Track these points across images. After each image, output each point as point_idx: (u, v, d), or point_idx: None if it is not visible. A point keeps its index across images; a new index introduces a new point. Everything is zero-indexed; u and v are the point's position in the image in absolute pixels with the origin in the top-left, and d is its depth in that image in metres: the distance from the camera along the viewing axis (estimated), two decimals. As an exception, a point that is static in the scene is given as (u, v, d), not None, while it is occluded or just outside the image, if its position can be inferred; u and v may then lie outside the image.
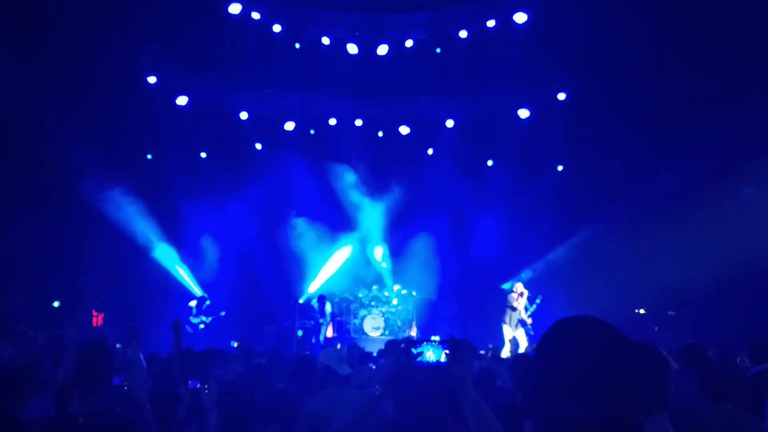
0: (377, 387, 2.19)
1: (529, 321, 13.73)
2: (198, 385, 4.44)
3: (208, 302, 15.56)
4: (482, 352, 9.71)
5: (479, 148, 17.29)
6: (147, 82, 15.38)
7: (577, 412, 1.36)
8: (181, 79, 15.92)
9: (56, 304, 15.18)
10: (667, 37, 12.91)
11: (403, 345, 2.24)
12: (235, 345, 11.11)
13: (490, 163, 17.66)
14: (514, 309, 13.68)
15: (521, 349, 13.16)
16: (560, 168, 17.03)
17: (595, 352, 1.42)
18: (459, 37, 15.44)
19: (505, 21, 14.95)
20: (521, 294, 13.88)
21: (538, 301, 14.16)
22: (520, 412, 3.31)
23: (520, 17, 14.66)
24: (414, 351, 2.22)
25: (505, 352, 12.22)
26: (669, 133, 13.83)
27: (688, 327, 13.22)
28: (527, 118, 16.40)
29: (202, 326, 15.19)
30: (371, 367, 6.99)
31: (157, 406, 3.75)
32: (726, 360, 6.95)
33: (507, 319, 13.79)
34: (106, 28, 13.50)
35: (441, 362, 2.21)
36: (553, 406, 1.40)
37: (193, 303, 15.54)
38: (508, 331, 13.67)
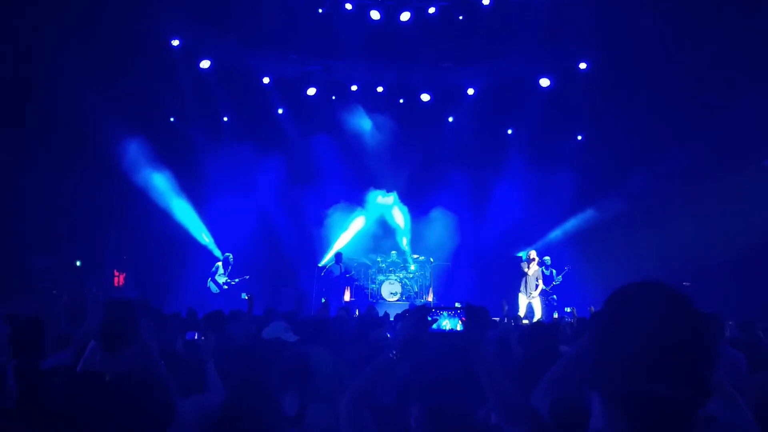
0: (394, 352, 2.18)
1: (543, 288, 13.90)
2: (195, 336, 4.55)
3: (231, 259, 15.73)
4: (496, 319, 9.85)
5: (499, 116, 17.27)
6: (171, 44, 15.46)
7: (659, 391, 1.28)
8: (205, 43, 15.97)
9: (78, 263, 15.44)
10: (692, 6, 12.76)
11: (420, 311, 2.24)
12: (246, 297, 11.09)
13: (510, 131, 17.68)
14: (524, 274, 13.86)
15: (536, 317, 13.34)
16: (580, 137, 17.02)
17: (675, 324, 1.33)
18: (482, 5, 15.33)
19: (528, -12, 14.86)
20: (532, 260, 14.04)
21: (566, 270, 14.45)
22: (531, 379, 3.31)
23: (543, -16, 14.55)
24: (430, 318, 2.22)
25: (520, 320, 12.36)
26: (690, 104, 13.71)
27: (703, 298, 13.27)
28: (548, 87, 16.37)
29: (225, 287, 15.44)
30: (386, 335, 7.05)
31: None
32: (746, 331, 7.02)
33: (522, 287, 13.99)
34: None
35: (457, 330, 2.21)
36: (631, 384, 1.31)
37: (219, 263, 15.76)
38: (523, 300, 13.87)
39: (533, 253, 14.22)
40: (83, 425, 2.49)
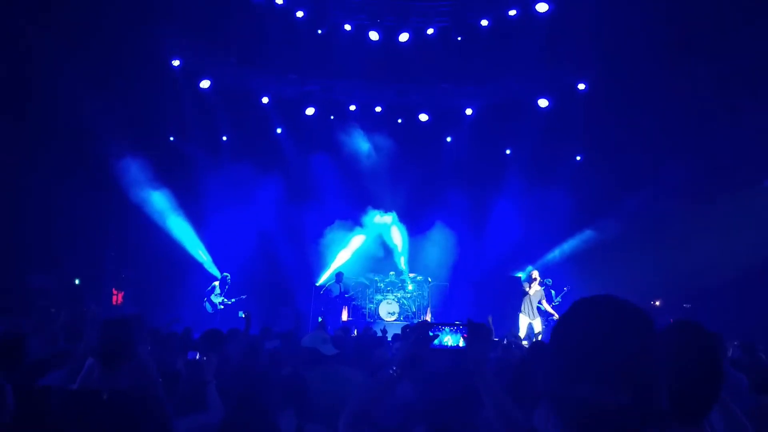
0: (394, 368, 2.17)
1: (550, 309, 13.80)
2: (197, 356, 4.48)
3: (229, 279, 15.69)
4: (496, 339, 9.78)
5: (498, 136, 17.35)
6: (171, 64, 15.56)
7: (597, 396, 1.29)
8: (205, 63, 16.08)
9: (77, 281, 15.37)
10: (689, 27, 12.85)
11: (422, 327, 2.23)
12: (243, 315, 11.03)
13: (508, 151, 17.74)
14: (525, 294, 13.72)
15: (537, 339, 13.24)
16: (579, 158, 17.08)
17: (615, 331, 1.34)
18: (480, 26, 15.46)
19: (527, 10, 14.96)
20: (534, 279, 13.91)
21: (565, 290, 14.35)
22: (536, 395, 3.27)
23: (541, 7, 14.65)
24: (431, 334, 2.21)
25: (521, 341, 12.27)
26: (689, 124, 13.76)
27: (703, 320, 13.17)
28: (546, 108, 16.43)
29: (221, 306, 15.36)
30: (384, 353, 7.01)
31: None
32: (748, 354, 7.00)
33: (522, 307, 13.88)
34: (132, 11, 13.64)
35: (459, 346, 2.20)
36: (571, 388, 1.33)
37: (216, 282, 15.71)
38: (524, 320, 13.71)
39: (535, 273, 14.01)
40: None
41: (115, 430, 2.43)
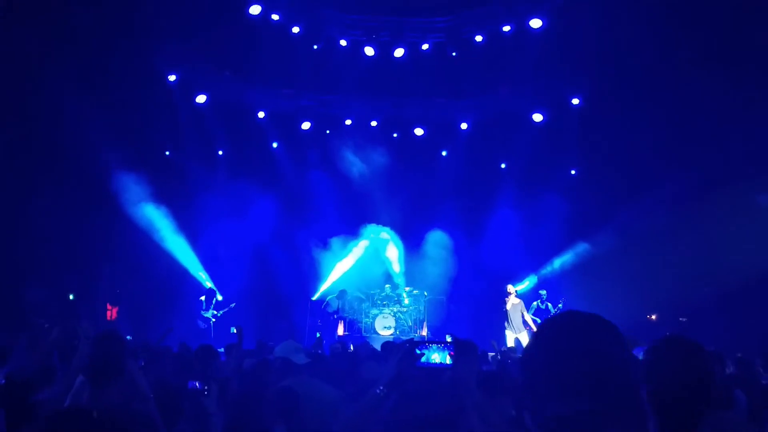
0: (381, 387, 2.17)
1: (530, 321, 13.81)
2: (197, 386, 4.42)
3: (219, 297, 15.68)
4: (492, 354, 9.75)
5: (493, 151, 17.42)
6: (168, 79, 15.61)
7: (564, 410, 1.32)
8: (201, 78, 16.14)
9: (72, 296, 15.33)
10: (682, 42, 12.94)
11: (407, 346, 2.22)
12: (234, 331, 11.03)
13: (503, 165, 17.79)
14: (505, 310, 13.80)
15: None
16: (573, 172, 17.13)
17: (575, 344, 1.37)
18: (475, 42, 15.58)
19: (521, 26, 15.10)
20: (509, 293, 14.00)
21: (560, 305, 14.33)
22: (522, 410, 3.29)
23: (535, 23, 14.79)
24: (418, 352, 2.21)
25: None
26: (683, 138, 13.81)
27: (699, 334, 13.14)
28: (541, 122, 16.52)
29: (213, 321, 15.34)
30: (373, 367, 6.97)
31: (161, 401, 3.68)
32: (744, 368, 6.99)
33: (506, 323, 13.88)
34: (129, 26, 13.73)
35: (446, 364, 2.21)
36: (542, 404, 1.35)
37: (203, 297, 15.69)
38: (510, 336, 13.68)
39: (509, 287, 14.16)
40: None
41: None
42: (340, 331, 15.69)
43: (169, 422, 3.63)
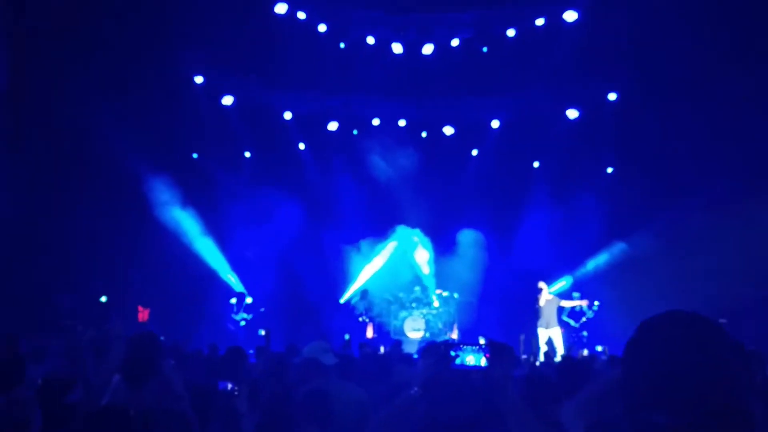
0: (416, 388, 2.19)
1: (570, 303, 13.64)
2: (228, 387, 4.39)
3: (249, 299, 15.68)
4: (524, 356, 9.55)
5: (526, 149, 17.00)
6: (194, 82, 15.63)
7: (671, 419, 1.24)
8: (227, 80, 16.13)
9: (103, 299, 15.50)
10: (721, 37, 12.48)
11: (442, 347, 2.25)
12: (263, 333, 11.11)
13: (536, 164, 17.34)
14: (537, 308, 13.66)
15: (558, 352, 12.91)
16: (610, 170, 16.62)
17: (688, 353, 1.28)
18: (506, 36, 15.29)
19: (555, 19, 14.84)
20: (540, 289, 13.84)
21: (595, 306, 14.15)
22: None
23: (570, 15, 14.51)
24: (453, 354, 2.22)
25: (542, 356, 12.05)
26: (724, 136, 13.34)
27: (740, 336, 12.65)
28: (576, 119, 16.11)
29: (243, 323, 15.35)
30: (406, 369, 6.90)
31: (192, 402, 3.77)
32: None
33: (538, 322, 13.68)
34: (155, 30, 13.82)
35: (481, 366, 2.19)
36: (646, 411, 1.27)
37: (233, 300, 15.71)
38: (542, 333, 13.53)
39: (541, 284, 13.95)
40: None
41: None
42: (369, 333, 15.53)
43: (201, 422, 3.72)
